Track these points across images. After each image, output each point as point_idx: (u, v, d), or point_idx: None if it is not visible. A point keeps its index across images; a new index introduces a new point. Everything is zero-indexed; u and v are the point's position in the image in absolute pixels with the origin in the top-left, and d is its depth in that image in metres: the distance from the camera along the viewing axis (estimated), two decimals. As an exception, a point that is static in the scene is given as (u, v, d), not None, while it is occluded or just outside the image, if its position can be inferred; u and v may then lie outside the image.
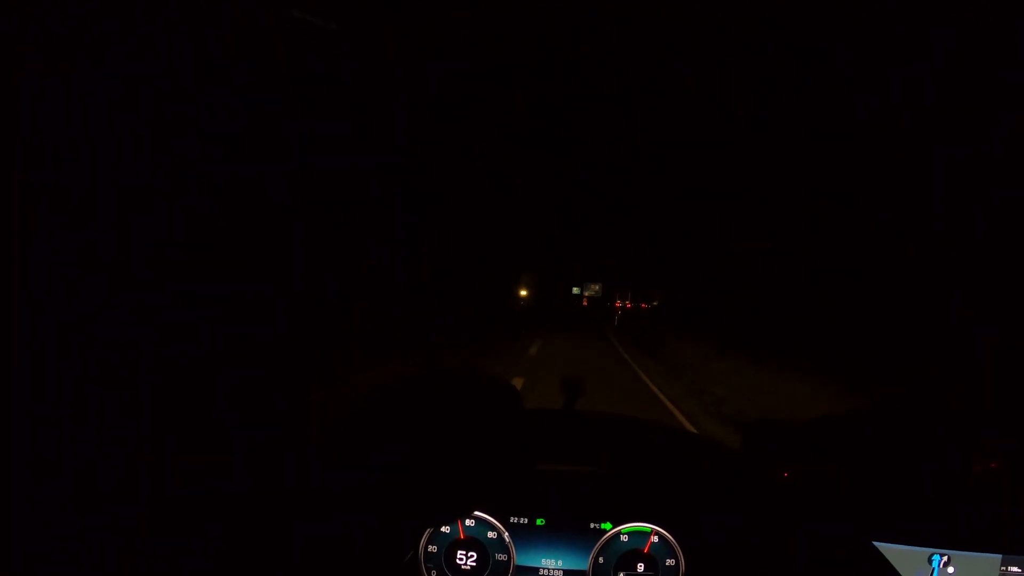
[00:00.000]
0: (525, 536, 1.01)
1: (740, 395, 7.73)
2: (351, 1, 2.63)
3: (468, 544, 1.01)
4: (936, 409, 1.19)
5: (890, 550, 0.96)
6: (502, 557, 1.01)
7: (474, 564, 1.00)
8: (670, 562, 0.98)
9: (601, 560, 0.99)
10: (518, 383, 7.33)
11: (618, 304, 34.31)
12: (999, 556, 0.95)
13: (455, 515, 0.99)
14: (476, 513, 1.01)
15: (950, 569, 0.96)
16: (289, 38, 2.40)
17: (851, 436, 1.07)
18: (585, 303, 36.06)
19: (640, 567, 0.98)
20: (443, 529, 1.02)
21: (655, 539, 0.99)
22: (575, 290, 37.27)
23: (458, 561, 1.00)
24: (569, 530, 1.00)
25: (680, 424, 6.10)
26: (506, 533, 1.01)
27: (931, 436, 1.08)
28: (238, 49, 2.16)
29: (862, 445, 1.04)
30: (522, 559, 1.01)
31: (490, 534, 1.02)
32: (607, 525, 1.00)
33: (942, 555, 0.96)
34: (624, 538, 1.00)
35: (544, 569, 1.00)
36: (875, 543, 0.96)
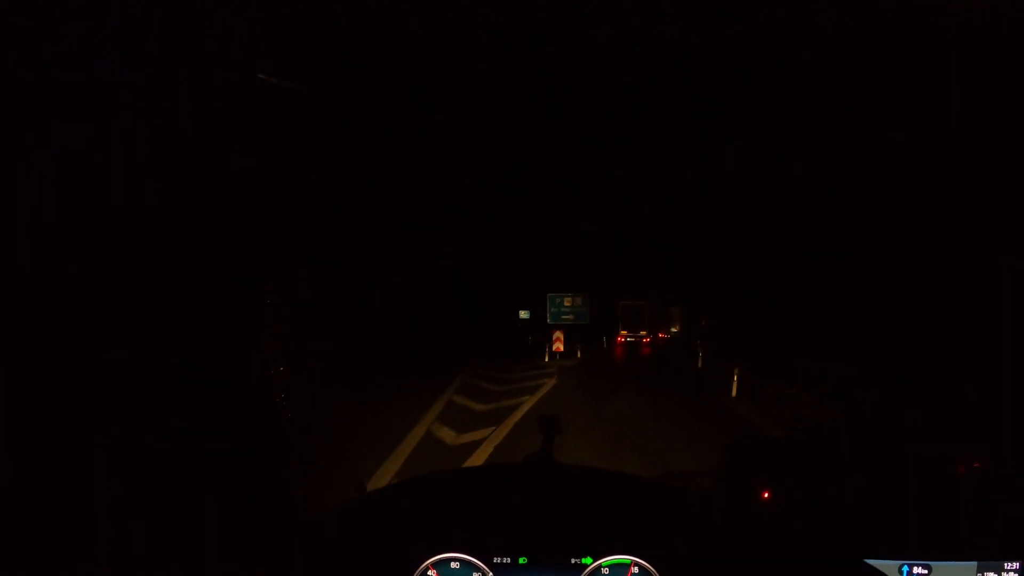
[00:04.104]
0: (509, 575, 1.03)
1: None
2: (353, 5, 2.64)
3: None
4: (916, 419, 1.20)
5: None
6: None
7: None
8: None
9: None
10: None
11: (618, 338, 18.10)
12: (975, 563, 0.96)
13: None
14: (460, 555, 1.03)
15: None
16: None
17: (829, 452, 1.08)
18: (558, 343, 14.98)
19: None
20: (430, 573, 1.04)
21: (635, 570, 1.02)
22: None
23: None
24: (551, 567, 1.03)
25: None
26: (490, 573, 1.04)
27: (910, 447, 1.09)
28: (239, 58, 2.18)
29: (839, 461, 1.06)
30: None
31: (475, 575, 1.04)
32: (588, 560, 1.03)
33: (911, 565, 0.97)
34: (605, 571, 1.02)
35: None
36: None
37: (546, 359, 13.74)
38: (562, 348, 14.16)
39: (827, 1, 4.39)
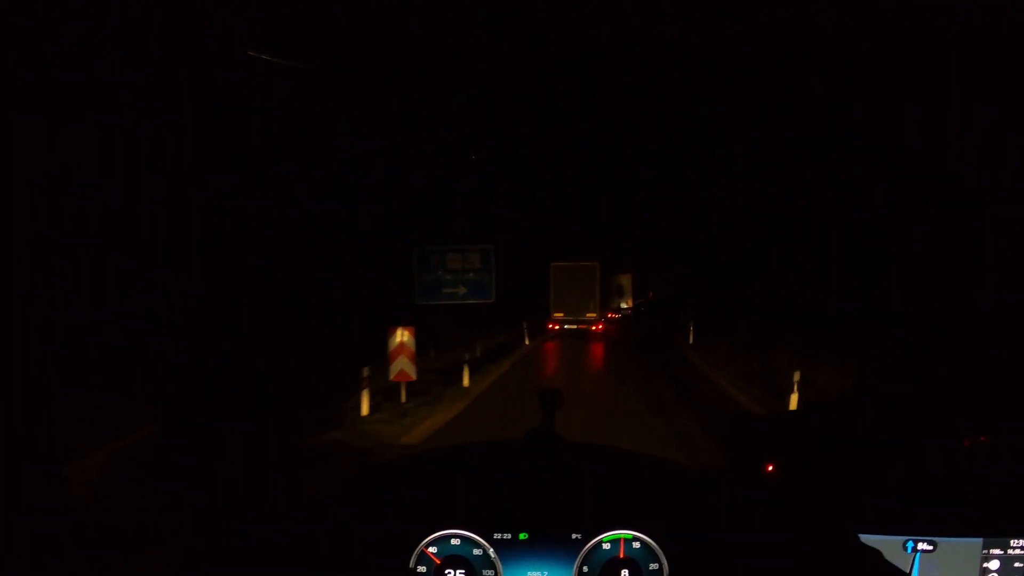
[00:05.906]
0: (510, 551, 1.03)
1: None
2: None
3: (455, 562, 1.03)
4: (923, 392, 1.19)
5: (865, 540, 0.96)
6: (488, 573, 1.03)
7: None
8: (653, 566, 1.00)
9: (586, 569, 1.01)
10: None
11: (550, 324, 12.47)
12: (980, 540, 0.95)
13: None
14: (460, 532, 1.03)
15: (930, 557, 0.95)
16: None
17: (835, 426, 1.08)
18: (403, 363, 6.41)
19: (624, 574, 0.99)
20: (430, 549, 1.04)
21: (636, 544, 1.01)
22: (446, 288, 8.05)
23: None
24: (552, 542, 1.03)
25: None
26: (491, 549, 1.03)
27: (916, 421, 1.09)
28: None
29: (845, 435, 1.05)
30: (508, 573, 1.03)
31: (475, 551, 1.04)
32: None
33: (916, 541, 0.96)
34: (606, 546, 1.02)
35: None
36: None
37: (364, 410, 6.07)
38: (413, 374, 6.54)
39: (827, 1, 4.39)
